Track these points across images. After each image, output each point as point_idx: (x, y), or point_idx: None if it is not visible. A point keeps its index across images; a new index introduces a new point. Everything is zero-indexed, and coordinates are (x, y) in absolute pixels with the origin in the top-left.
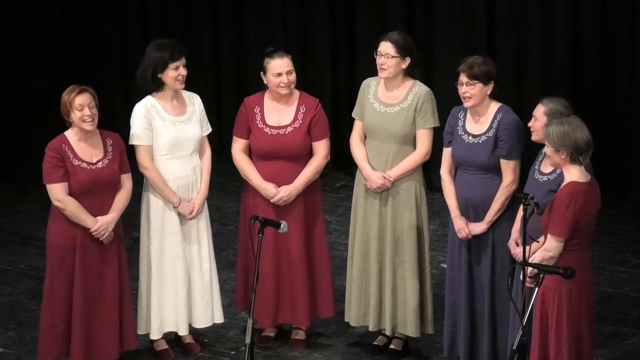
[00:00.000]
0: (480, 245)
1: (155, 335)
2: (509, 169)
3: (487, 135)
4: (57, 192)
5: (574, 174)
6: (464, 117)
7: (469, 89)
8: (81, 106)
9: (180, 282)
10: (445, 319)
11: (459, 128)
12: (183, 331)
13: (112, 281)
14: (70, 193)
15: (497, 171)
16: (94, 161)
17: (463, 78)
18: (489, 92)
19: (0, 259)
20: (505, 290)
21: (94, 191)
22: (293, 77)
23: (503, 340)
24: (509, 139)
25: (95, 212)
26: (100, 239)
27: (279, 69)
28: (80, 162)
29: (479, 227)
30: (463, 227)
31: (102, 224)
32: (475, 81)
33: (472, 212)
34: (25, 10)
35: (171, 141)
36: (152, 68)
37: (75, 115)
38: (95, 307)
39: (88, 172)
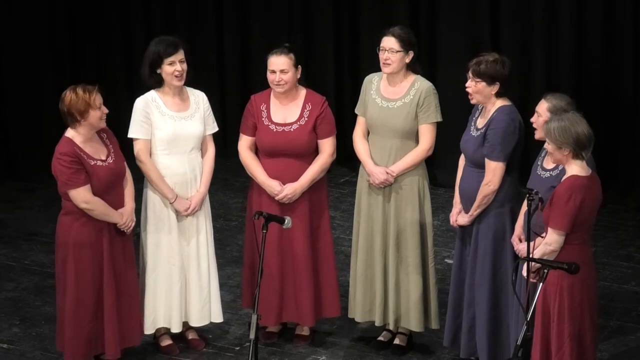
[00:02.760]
0: (466, 237)
1: (148, 329)
2: (488, 169)
3: (481, 131)
4: (84, 195)
5: (575, 168)
6: (481, 109)
7: (472, 85)
8: (101, 104)
9: (175, 278)
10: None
11: (473, 119)
12: (176, 328)
13: (132, 272)
14: (94, 193)
15: (484, 167)
16: (104, 158)
17: (469, 73)
18: (493, 92)
19: (4, 255)
20: (483, 286)
21: (113, 186)
22: (288, 76)
23: (480, 335)
24: (492, 139)
25: (116, 206)
26: (127, 231)
27: (272, 66)
28: (95, 161)
29: (462, 219)
30: (453, 215)
31: (128, 216)
32: (479, 79)
33: (463, 202)
34: (29, 7)
35: (169, 136)
36: (149, 63)
37: (96, 114)
38: (120, 298)
39: (105, 169)
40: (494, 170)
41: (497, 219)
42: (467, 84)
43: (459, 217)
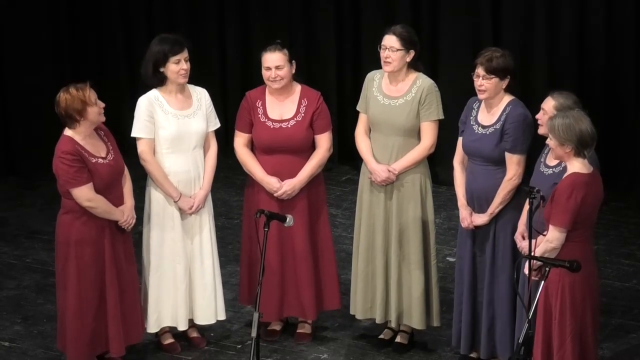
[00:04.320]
0: (482, 236)
1: (152, 328)
2: (512, 163)
3: (494, 127)
4: (87, 193)
5: (577, 166)
6: (478, 107)
7: (485, 83)
8: (96, 99)
9: (180, 277)
10: (454, 310)
11: (471, 118)
12: (182, 326)
13: (132, 269)
14: (95, 191)
15: (502, 164)
16: (104, 155)
17: (480, 71)
18: (504, 86)
19: (6, 253)
20: (504, 283)
21: (113, 184)
22: (283, 72)
23: (501, 334)
24: (513, 133)
25: (116, 204)
26: (128, 228)
27: (268, 62)
28: (97, 159)
29: (480, 219)
30: (466, 217)
31: (128, 213)
32: (492, 75)
33: (477, 202)
34: (30, 5)
35: (173, 135)
36: (153, 62)
37: (94, 110)
38: (123, 296)
39: (106, 167)
40: (517, 164)
41: (515, 214)
42: (479, 82)
43: (474, 217)
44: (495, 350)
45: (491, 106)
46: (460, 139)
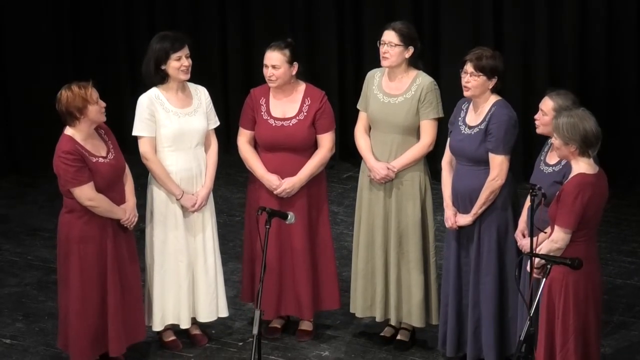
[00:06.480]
0: (466, 237)
1: (157, 327)
2: (494, 164)
3: (479, 127)
4: (88, 192)
5: (582, 166)
6: (467, 108)
7: (472, 80)
8: (97, 98)
9: (183, 275)
10: (440, 312)
11: (459, 119)
12: (185, 324)
13: (135, 267)
14: (97, 190)
15: (486, 164)
16: (105, 154)
17: (468, 67)
18: (490, 87)
19: (8, 250)
20: (489, 284)
21: (115, 183)
22: (279, 72)
23: (486, 335)
24: (496, 133)
25: (118, 202)
26: (130, 227)
27: (266, 60)
28: (97, 159)
29: (464, 219)
30: (450, 217)
31: (130, 211)
32: (480, 73)
33: (461, 203)
34: (33, 4)
35: (174, 133)
36: (155, 59)
37: (95, 109)
38: (125, 294)
39: (107, 166)
40: (500, 165)
41: (499, 215)
42: (466, 79)
43: (458, 217)
44: (482, 352)
45: (477, 106)
46: (448, 140)
